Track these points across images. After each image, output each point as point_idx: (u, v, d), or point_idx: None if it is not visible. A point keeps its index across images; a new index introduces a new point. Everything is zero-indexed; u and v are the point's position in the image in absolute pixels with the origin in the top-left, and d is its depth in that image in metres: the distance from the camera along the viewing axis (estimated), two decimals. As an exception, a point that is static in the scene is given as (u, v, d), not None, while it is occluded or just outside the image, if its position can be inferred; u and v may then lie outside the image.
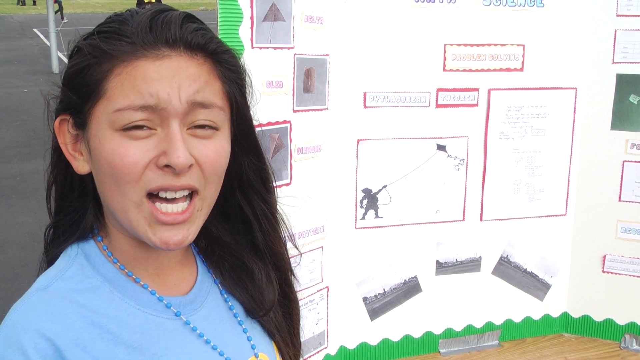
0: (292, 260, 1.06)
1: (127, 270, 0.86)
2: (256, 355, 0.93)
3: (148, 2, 12.54)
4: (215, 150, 0.83)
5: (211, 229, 0.95)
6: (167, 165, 0.78)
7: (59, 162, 0.88)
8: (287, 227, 1.02)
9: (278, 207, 1.01)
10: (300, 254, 1.10)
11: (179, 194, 0.81)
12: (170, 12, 0.82)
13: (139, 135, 0.78)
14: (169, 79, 0.79)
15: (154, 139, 0.79)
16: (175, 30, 0.80)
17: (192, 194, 0.82)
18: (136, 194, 0.79)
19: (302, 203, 1.79)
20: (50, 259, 0.90)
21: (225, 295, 0.96)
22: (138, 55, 0.79)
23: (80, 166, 0.85)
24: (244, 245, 0.98)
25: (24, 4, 37.41)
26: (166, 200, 0.80)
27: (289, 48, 1.67)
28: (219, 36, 1.49)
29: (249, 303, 0.97)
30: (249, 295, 0.97)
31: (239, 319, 0.94)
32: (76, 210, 0.88)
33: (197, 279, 0.94)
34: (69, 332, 0.77)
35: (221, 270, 0.97)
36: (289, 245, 1.04)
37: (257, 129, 0.95)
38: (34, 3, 37.00)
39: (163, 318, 0.86)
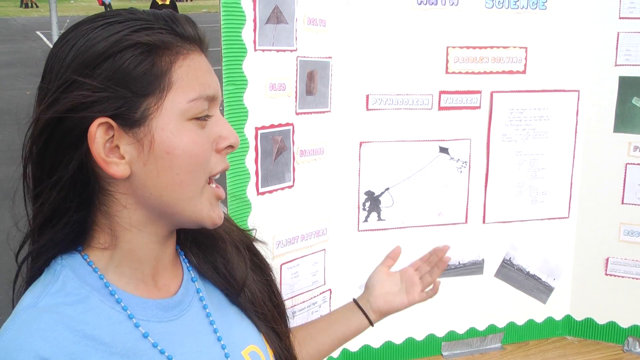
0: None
1: (98, 273, 0.84)
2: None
3: (162, 5, 12.54)
4: None
5: None
6: (227, 147, 0.87)
7: (78, 175, 0.83)
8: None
9: None
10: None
11: None
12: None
13: (204, 124, 0.85)
14: (211, 70, 0.88)
15: (207, 127, 0.86)
16: (198, 29, 0.87)
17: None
18: (204, 179, 0.86)
19: (305, 205, 1.79)
20: (31, 275, 0.87)
21: (201, 294, 0.94)
22: (188, 49, 0.84)
23: (122, 170, 0.81)
24: None
25: (27, 6, 37.44)
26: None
27: (291, 50, 1.68)
28: (222, 39, 1.50)
29: (224, 285, 0.98)
30: (224, 276, 0.98)
31: (214, 326, 0.92)
32: (74, 223, 0.85)
33: (184, 277, 0.95)
34: (63, 348, 0.76)
35: (196, 255, 0.98)
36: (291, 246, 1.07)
37: (260, 131, 0.99)
38: (33, 5, 36.99)
39: (154, 322, 0.85)
